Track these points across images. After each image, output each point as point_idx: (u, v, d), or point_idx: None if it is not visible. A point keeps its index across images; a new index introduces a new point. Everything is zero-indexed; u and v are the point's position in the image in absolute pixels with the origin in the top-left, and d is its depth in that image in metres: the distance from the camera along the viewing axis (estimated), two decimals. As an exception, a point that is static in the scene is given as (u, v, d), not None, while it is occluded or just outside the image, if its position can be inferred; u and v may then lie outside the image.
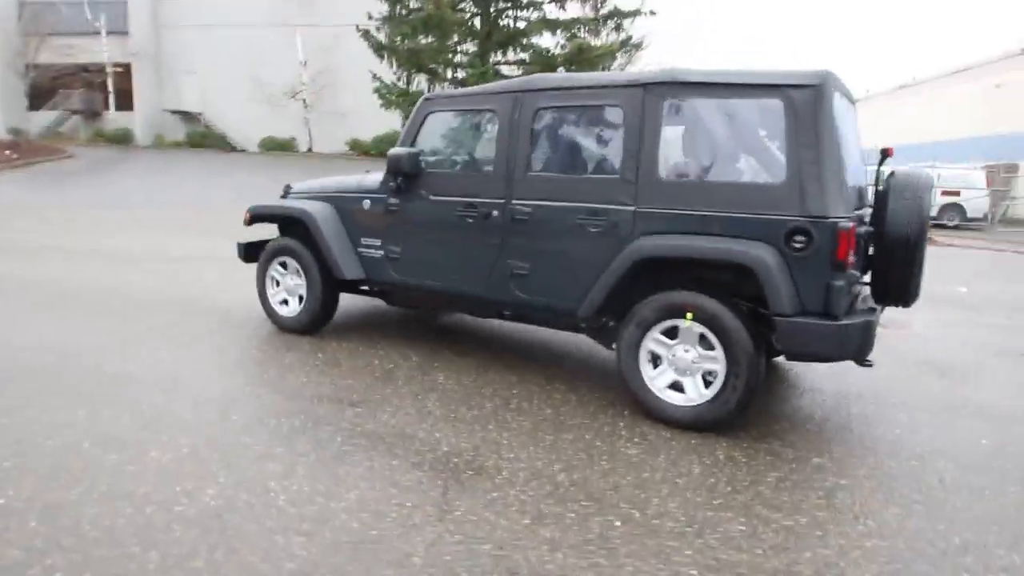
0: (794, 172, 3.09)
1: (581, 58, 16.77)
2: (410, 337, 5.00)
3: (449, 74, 18.11)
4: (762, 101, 3.22)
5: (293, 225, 4.91)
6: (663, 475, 2.93)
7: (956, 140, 24.09)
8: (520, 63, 17.48)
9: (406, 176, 4.22)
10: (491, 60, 17.48)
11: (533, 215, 3.76)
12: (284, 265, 4.93)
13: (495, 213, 3.90)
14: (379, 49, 17.08)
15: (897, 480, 2.97)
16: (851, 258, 3.08)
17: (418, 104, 4.28)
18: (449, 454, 3.06)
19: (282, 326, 4.95)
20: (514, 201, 3.83)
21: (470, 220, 4.00)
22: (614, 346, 3.84)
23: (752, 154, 3.28)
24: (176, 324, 5.11)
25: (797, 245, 3.09)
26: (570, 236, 3.67)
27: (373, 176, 4.65)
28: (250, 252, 5.18)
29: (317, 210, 4.64)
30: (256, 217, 5.08)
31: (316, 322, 4.82)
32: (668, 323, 3.39)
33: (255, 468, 2.85)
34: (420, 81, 18.15)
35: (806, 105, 3.07)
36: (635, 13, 17.30)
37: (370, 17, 17.52)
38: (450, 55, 17.56)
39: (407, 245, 4.33)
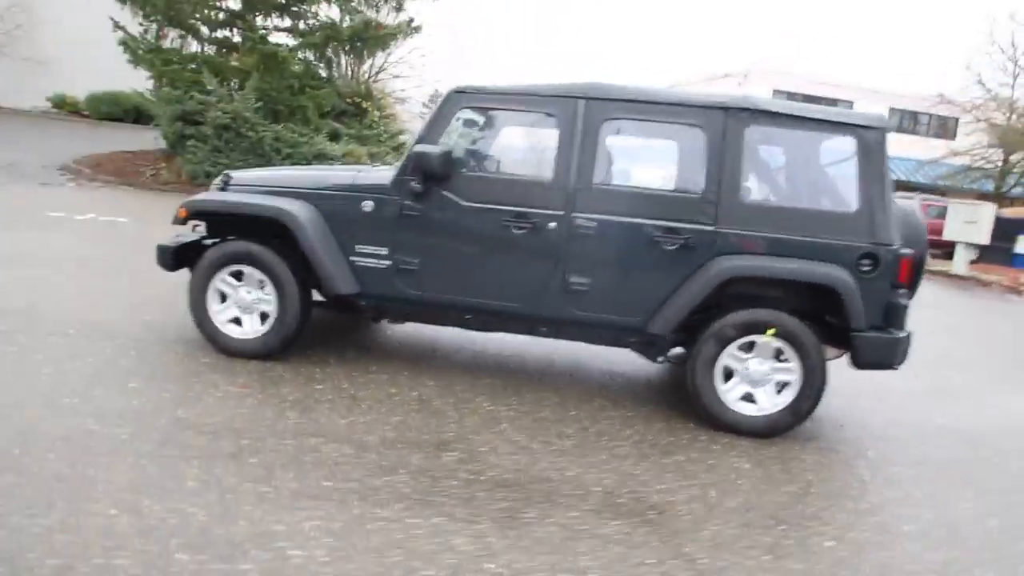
0: (864, 203, 3.48)
1: (368, 34, 15.96)
2: (418, 357, 4.42)
3: (207, 32, 15.77)
4: (836, 137, 3.56)
5: (252, 227, 3.98)
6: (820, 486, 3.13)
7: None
8: (297, 32, 15.94)
9: (434, 178, 3.71)
10: (252, 22, 15.63)
11: (599, 229, 3.62)
12: (238, 275, 3.97)
13: (552, 225, 3.65)
14: (122, -7, 14.12)
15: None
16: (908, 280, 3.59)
17: (447, 96, 3.76)
18: (611, 495, 2.87)
19: (230, 349, 3.98)
20: (576, 213, 3.64)
21: (520, 232, 3.69)
22: (660, 359, 3.93)
23: (825, 184, 3.60)
24: (95, 352, 3.78)
25: (864, 268, 3.49)
26: (641, 253, 3.62)
27: (376, 173, 3.98)
28: (180, 257, 4.05)
29: (298, 210, 3.82)
30: (197, 214, 3.99)
31: (286, 344, 3.99)
32: (747, 339, 3.58)
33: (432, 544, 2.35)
34: (174, 37, 15.49)
35: (875, 144, 3.48)
36: (416, -6, 17.00)
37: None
38: (210, 12, 15.28)
39: (429, 256, 3.81)
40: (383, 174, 3.92)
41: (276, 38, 15.92)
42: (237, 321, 4.02)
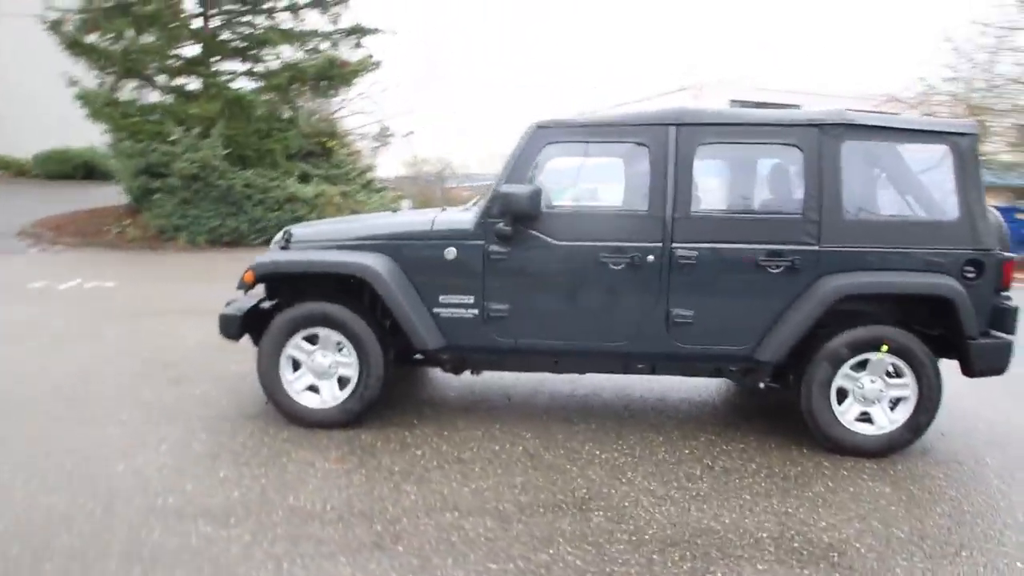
0: (964, 210, 3.45)
1: (333, 72, 15.68)
2: (497, 407, 4.18)
3: (164, 80, 15.27)
4: (930, 146, 3.53)
5: (318, 286, 3.72)
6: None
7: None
8: (258, 74, 15.55)
9: (523, 218, 3.53)
10: (212, 68, 15.21)
11: (700, 258, 3.49)
12: (312, 339, 3.69)
13: (650, 258, 3.51)
14: (74, 46, 13.48)
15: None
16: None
17: (529, 133, 3.59)
18: (781, 540, 2.70)
19: (309, 420, 3.69)
20: (675, 244, 3.50)
21: (616, 268, 3.53)
22: (762, 385, 3.81)
23: (923, 193, 3.55)
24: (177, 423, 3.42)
25: (968, 275, 3.45)
26: (745, 279, 3.50)
27: (453, 217, 3.76)
28: (249, 324, 3.75)
29: (379, 264, 3.59)
30: (267, 277, 3.71)
31: (367, 409, 3.72)
32: (860, 357, 3.48)
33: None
34: (130, 88, 14.88)
35: (969, 150, 3.45)
36: (376, 31, 16.79)
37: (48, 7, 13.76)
38: (169, 60, 14.79)
39: (520, 300, 3.61)
40: (462, 217, 3.71)
41: (237, 83, 15.53)
42: (312, 389, 3.73)
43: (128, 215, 14.29)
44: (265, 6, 15.61)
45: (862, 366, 3.51)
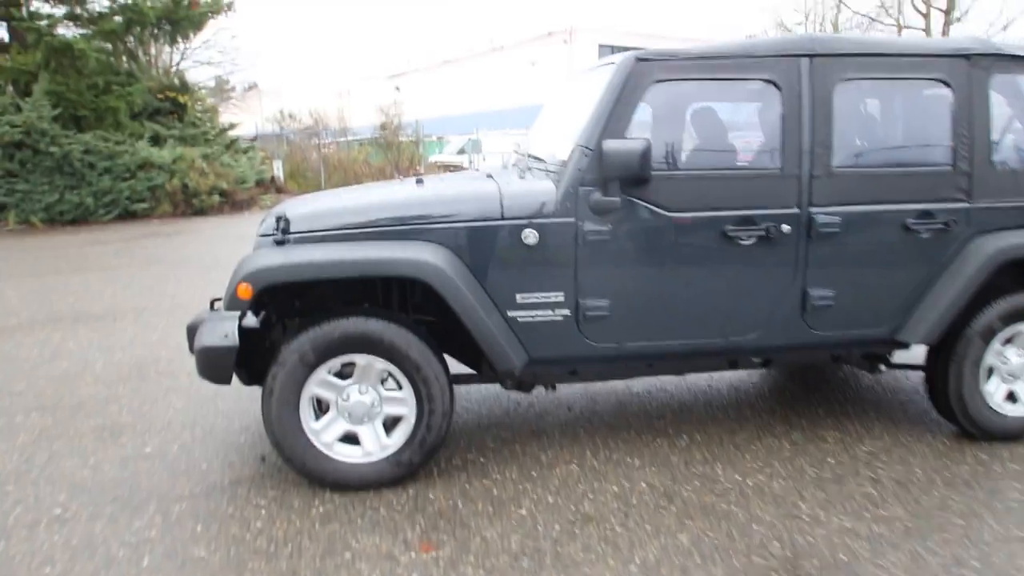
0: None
1: (180, 15, 13.25)
2: (582, 430, 3.28)
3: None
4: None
5: (341, 289, 2.64)
6: None
7: (500, 111, 27.84)
8: (86, 19, 12.77)
9: (632, 183, 2.64)
10: (24, 11, 12.33)
11: (844, 224, 2.79)
12: (342, 372, 2.61)
13: (786, 228, 2.76)
14: None
15: None
16: None
17: (625, 68, 2.65)
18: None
19: (351, 482, 2.65)
20: (814, 208, 2.78)
21: (746, 243, 2.76)
22: (883, 368, 3.25)
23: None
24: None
25: None
26: (891, 246, 2.87)
27: (527, 186, 2.77)
28: (251, 363, 2.59)
29: (439, 259, 2.56)
30: (272, 288, 2.53)
31: (431, 456, 2.72)
32: (1012, 329, 3.00)
33: None
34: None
35: None
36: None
37: None
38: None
39: (625, 292, 2.75)
40: (541, 187, 2.74)
41: (61, 30, 12.78)
42: (348, 439, 2.67)
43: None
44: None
45: (1011, 339, 3.04)
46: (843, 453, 3.01)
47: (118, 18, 12.60)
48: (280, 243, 2.65)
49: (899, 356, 3.26)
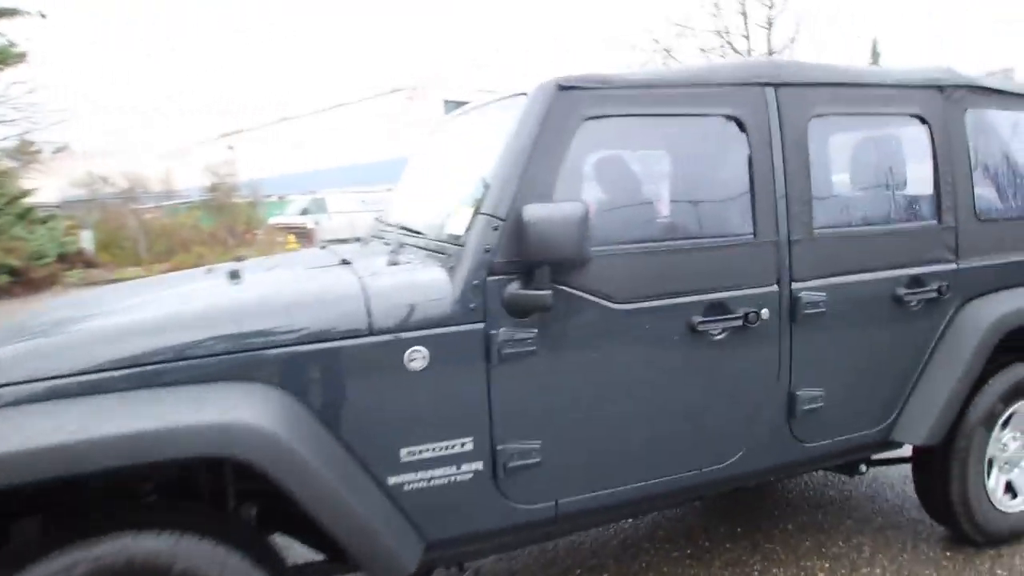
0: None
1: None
2: None
3: None
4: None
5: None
6: None
7: (343, 167, 26.50)
8: None
9: (560, 268, 1.77)
10: None
11: (831, 301, 2.12)
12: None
13: (765, 312, 2.03)
14: None
15: None
16: None
17: (543, 100, 1.79)
18: None
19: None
20: (796, 284, 2.08)
21: (718, 336, 1.99)
22: (863, 468, 2.60)
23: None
24: None
25: None
26: (884, 325, 2.25)
27: (391, 279, 1.80)
28: None
29: (264, 415, 1.51)
30: None
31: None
32: (1011, 408, 2.45)
33: None
34: None
35: None
36: (13, 12, 12.26)
37: None
38: None
39: (561, 427, 1.85)
40: (426, 277, 1.80)
41: None
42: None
43: None
44: None
45: (1006, 422, 2.51)
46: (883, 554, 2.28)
47: None
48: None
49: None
